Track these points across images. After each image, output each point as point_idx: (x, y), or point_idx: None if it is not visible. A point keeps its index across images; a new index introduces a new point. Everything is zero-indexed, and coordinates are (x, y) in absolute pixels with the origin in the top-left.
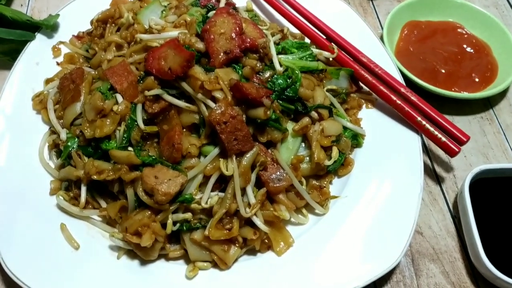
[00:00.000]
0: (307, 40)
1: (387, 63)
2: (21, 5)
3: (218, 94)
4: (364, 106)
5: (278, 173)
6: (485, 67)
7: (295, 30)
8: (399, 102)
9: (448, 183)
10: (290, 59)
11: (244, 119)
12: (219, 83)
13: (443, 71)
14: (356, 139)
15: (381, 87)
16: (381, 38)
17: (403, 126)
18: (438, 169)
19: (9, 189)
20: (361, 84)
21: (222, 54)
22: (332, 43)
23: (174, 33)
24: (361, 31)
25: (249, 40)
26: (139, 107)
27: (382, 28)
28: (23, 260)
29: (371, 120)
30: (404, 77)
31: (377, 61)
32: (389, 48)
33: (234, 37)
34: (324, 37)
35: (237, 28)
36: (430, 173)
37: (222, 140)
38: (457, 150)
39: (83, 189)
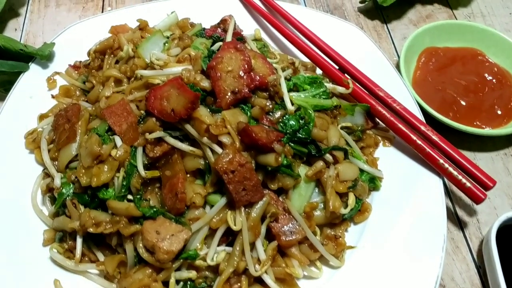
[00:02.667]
0: (318, 71)
1: (405, 96)
2: (15, 30)
3: (225, 139)
4: (381, 144)
5: (290, 224)
6: (508, 98)
7: (305, 59)
8: (419, 142)
9: (471, 229)
10: (303, 97)
11: (253, 165)
12: (226, 127)
13: (463, 103)
14: (374, 182)
15: (400, 125)
16: (397, 67)
17: (423, 168)
18: (461, 213)
19: None
20: (377, 119)
21: (229, 94)
22: (346, 75)
23: (177, 69)
24: (376, 59)
25: (258, 78)
26: (139, 151)
27: (397, 54)
28: None
29: (389, 160)
30: (422, 110)
31: (393, 93)
32: (406, 79)
33: (242, 75)
34: (337, 67)
35: (246, 66)
36: (452, 217)
37: (229, 190)
38: (483, 197)
39: (79, 241)
